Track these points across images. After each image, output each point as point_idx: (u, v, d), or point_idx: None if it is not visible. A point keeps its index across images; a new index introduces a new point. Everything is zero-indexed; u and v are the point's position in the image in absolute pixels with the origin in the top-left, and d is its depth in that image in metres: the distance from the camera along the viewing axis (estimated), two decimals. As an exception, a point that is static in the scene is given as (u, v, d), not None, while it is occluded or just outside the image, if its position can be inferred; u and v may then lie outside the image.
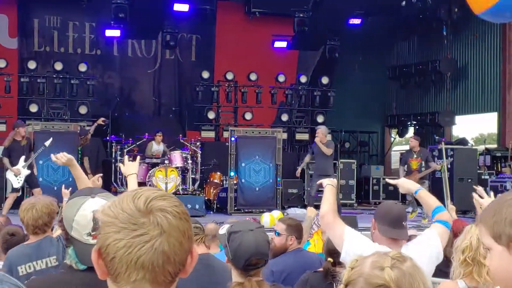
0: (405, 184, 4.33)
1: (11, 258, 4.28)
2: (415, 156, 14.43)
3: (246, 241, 3.20)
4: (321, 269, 4.79)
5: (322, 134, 13.97)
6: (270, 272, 4.81)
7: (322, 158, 13.90)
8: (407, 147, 27.33)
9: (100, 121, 15.32)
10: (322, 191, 4.28)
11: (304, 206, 17.33)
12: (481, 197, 4.67)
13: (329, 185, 4.23)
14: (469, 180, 15.66)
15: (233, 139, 15.83)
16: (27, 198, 4.64)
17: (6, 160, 13.04)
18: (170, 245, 1.49)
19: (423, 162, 14.36)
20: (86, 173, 13.77)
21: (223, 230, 3.34)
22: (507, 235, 1.97)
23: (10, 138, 13.11)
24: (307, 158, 14.82)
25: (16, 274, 4.04)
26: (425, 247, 3.93)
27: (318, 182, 4.50)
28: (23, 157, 13.21)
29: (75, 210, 2.55)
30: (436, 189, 14.15)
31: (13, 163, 13.04)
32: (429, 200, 4.20)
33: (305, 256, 5.27)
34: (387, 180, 5.43)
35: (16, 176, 13.06)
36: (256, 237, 3.25)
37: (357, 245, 3.89)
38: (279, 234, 5.18)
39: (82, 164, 14.68)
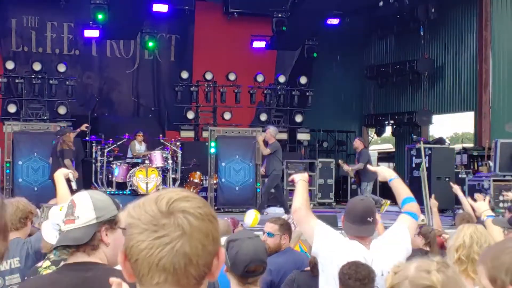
0: (383, 172, 4.42)
1: None
2: (356, 156, 15.41)
3: (244, 248, 3.24)
4: (307, 268, 4.88)
5: (270, 134, 14.17)
6: (268, 270, 4.88)
7: (265, 157, 14.34)
8: (384, 146, 27.62)
9: (83, 127, 15.23)
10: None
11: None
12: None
13: (301, 180, 4.26)
14: (447, 179, 15.82)
15: (213, 146, 15.86)
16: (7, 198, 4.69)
17: (70, 162, 13.31)
18: (192, 247, 1.47)
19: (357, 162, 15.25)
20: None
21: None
22: (502, 280, 2.12)
23: (69, 142, 13.36)
24: None
25: None
26: (394, 244, 3.99)
27: (290, 178, 4.54)
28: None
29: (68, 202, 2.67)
30: (414, 188, 14.32)
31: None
32: (401, 189, 4.24)
33: (295, 255, 5.36)
34: (368, 166, 5.54)
35: (74, 179, 13.20)
36: (254, 244, 3.30)
37: (327, 239, 3.96)
38: (272, 235, 5.25)
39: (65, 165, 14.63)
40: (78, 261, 2.58)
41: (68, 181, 12.36)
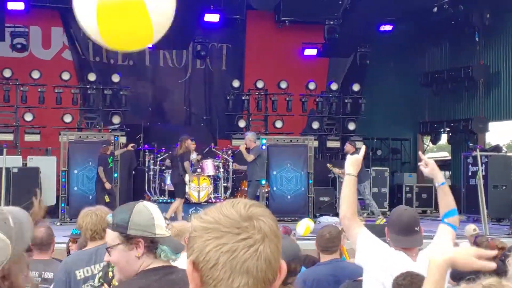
0: (434, 171, 4.04)
1: (68, 262, 4.39)
2: None
3: (283, 247, 3.20)
4: (360, 278, 4.78)
5: (250, 141, 14.18)
6: (302, 282, 4.80)
7: (248, 164, 14.50)
8: (440, 154, 27.17)
9: (130, 147, 15.37)
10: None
11: (336, 214, 17.29)
12: None
13: (348, 175, 3.91)
14: (504, 187, 15.49)
15: (264, 147, 15.85)
16: (87, 207, 4.71)
17: (188, 165, 14.19)
18: (272, 250, 1.49)
19: None
20: (102, 182, 14.21)
21: None
22: None
23: (189, 146, 14.31)
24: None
25: (74, 278, 4.12)
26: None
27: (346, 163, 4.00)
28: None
29: (149, 214, 2.78)
30: (470, 197, 14.04)
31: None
32: (449, 199, 3.97)
33: (340, 266, 5.24)
34: (420, 153, 4.92)
35: (190, 182, 14.44)
36: (289, 243, 3.27)
37: (370, 250, 3.83)
38: None
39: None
40: (159, 266, 2.74)
41: (184, 183, 13.47)
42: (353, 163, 3.90)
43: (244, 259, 1.45)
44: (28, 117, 17.08)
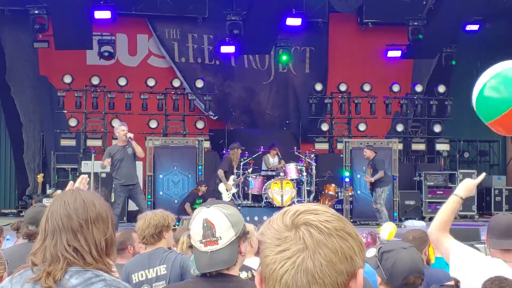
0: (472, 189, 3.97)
1: (129, 266, 4.51)
2: (368, 164, 14.94)
3: (401, 259, 3.09)
4: (449, 283, 4.65)
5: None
6: None
7: (129, 161, 11.78)
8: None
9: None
10: None
11: (422, 218, 16.96)
12: None
13: (455, 195, 3.86)
14: None
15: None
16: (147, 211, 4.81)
17: (222, 173, 14.43)
18: (316, 263, 1.35)
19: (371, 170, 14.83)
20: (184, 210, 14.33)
21: (370, 253, 3.20)
22: None
23: (234, 156, 14.68)
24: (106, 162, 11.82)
25: (130, 282, 4.23)
26: None
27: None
28: (233, 176, 14.81)
29: (192, 220, 2.72)
30: None
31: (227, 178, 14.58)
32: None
33: (427, 273, 5.09)
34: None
35: (227, 191, 14.49)
36: (411, 255, 3.16)
37: (465, 258, 3.74)
38: None
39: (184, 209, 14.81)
40: (219, 273, 2.67)
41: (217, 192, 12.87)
42: (467, 188, 3.83)
43: (282, 272, 1.36)
44: (116, 123, 17.47)
